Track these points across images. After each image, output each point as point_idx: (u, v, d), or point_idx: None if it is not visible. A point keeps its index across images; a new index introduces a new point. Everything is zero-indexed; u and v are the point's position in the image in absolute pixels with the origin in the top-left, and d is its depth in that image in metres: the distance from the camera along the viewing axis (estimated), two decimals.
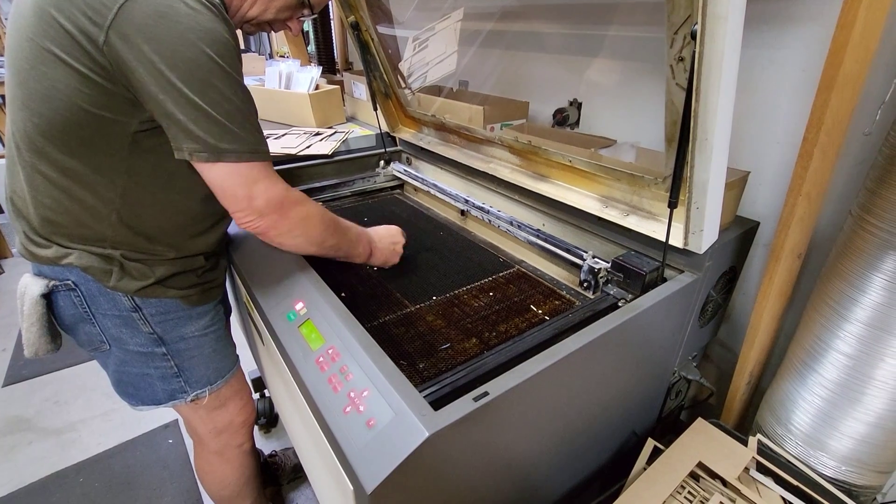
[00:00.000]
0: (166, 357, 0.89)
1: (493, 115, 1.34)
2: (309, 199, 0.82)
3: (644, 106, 1.23)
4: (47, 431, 1.69)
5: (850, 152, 0.89)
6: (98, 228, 0.76)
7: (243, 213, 0.74)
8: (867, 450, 0.86)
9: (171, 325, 0.87)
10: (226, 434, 1.05)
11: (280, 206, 0.75)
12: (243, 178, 0.71)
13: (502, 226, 1.20)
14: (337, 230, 0.89)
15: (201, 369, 0.94)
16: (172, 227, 0.82)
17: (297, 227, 0.80)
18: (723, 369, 1.25)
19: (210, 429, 1.02)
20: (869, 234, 0.75)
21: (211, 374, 0.96)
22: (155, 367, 0.89)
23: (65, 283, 0.78)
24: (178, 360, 0.90)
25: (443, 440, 0.56)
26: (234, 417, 1.04)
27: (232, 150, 0.68)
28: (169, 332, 0.87)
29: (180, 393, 0.93)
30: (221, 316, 0.99)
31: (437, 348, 0.85)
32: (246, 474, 1.15)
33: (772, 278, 0.88)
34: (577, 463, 0.94)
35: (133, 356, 0.87)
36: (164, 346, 0.88)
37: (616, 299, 0.90)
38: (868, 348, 0.79)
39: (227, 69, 0.65)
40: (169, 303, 0.85)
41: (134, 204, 0.76)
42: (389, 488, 0.53)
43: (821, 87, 0.68)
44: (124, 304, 0.81)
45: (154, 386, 0.91)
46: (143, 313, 0.83)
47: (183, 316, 0.88)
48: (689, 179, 0.74)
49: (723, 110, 0.65)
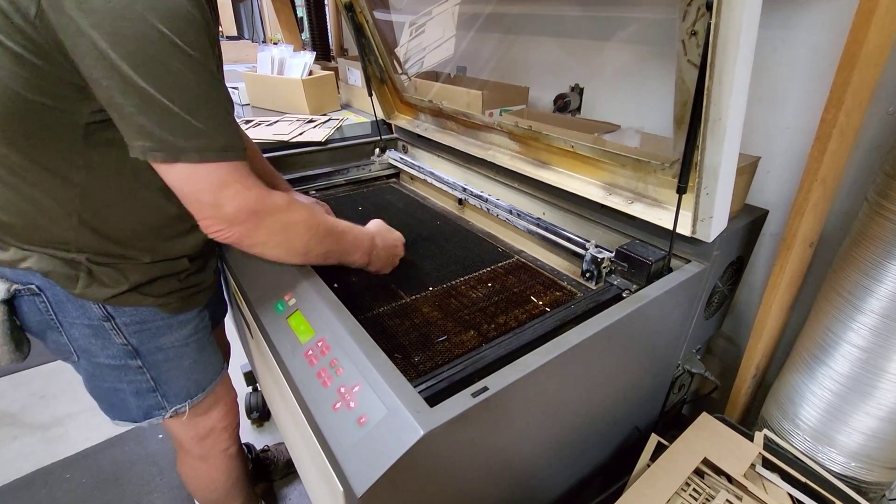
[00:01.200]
0: (141, 370, 0.80)
1: (492, 100, 1.30)
2: (294, 204, 0.69)
3: (649, 91, 1.18)
4: (33, 426, 1.65)
5: (865, 136, 0.86)
6: (57, 231, 0.67)
7: (210, 222, 0.62)
8: (877, 445, 0.83)
9: (147, 336, 0.78)
10: (209, 439, 0.98)
11: (253, 213, 0.63)
12: (208, 182, 0.59)
13: (501, 215, 1.16)
14: (327, 237, 0.77)
15: (181, 382, 0.86)
16: (146, 228, 0.72)
17: (274, 237, 0.68)
18: (726, 362, 1.22)
19: (192, 435, 0.96)
20: (886, 221, 0.71)
21: (191, 386, 0.88)
22: (128, 381, 0.80)
23: (28, 287, 0.70)
24: (154, 373, 0.82)
25: (439, 439, 0.52)
26: (216, 423, 0.97)
27: (192, 148, 0.56)
28: (145, 342, 0.78)
29: (157, 409, 0.85)
30: (207, 322, 0.90)
31: (433, 341, 0.81)
32: (233, 477, 1.09)
33: (782, 268, 0.85)
34: (579, 460, 0.90)
35: (103, 370, 0.79)
36: (139, 359, 0.79)
37: (620, 290, 0.86)
38: (882, 340, 0.75)
39: (186, 48, 0.52)
40: (145, 311, 0.76)
41: (97, 204, 0.67)
42: (381, 490, 0.50)
43: (842, 63, 0.64)
44: (95, 312, 0.73)
45: (128, 402, 0.83)
46: (116, 322, 0.74)
47: (162, 325, 0.79)
48: (699, 163, 0.70)
49: (738, 88, 0.61)
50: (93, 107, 0.58)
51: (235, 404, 1.04)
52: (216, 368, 0.93)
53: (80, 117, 0.59)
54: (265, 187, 0.64)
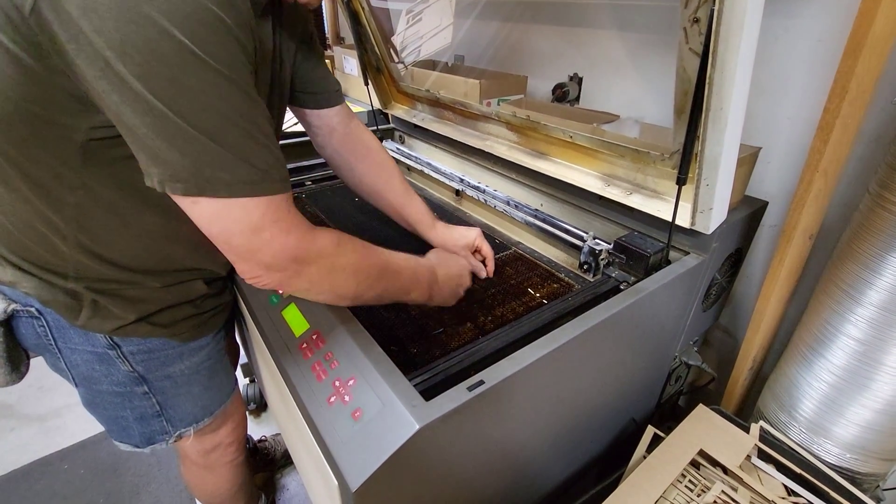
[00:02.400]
0: (147, 395, 0.75)
1: (490, 89, 1.28)
2: (343, 244, 0.58)
3: (649, 80, 1.17)
4: (30, 418, 1.65)
5: (867, 127, 0.84)
6: (52, 256, 0.60)
7: (244, 267, 0.52)
8: (872, 437, 0.83)
9: (155, 365, 0.73)
10: (215, 453, 0.94)
11: (294, 260, 0.53)
12: (240, 224, 0.48)
13: (499, 206, 1.15)
14: (381, 279, 0.65)
15: (187, 408, 0.81)
16: (154, 253, 0.65)
17: (318, 285, 0.57)
18: (723, 354, 1.23)
19: (197, 450, 0.92)
20: (888, 213, 0.70)
21: (198, 411, 0.83)
22: (132, 407, 0.76)
23: (27, 308, 0.64)
24: (160, 398, 0.77)
25: (434, 433, 0.51)
26: (223, 439, 0.93)
27: (220, 181, 0.45)
28: (153, 371, 0.73)
29: (160, 434, 0.80)
30: (222, 344, 0.85)
31: (429, 333, 0.80)
32: (238, 482, 1.06)
33: (782, 260, 0.84)
34: (575, 452, 0.91)
35: (105, 396, 0.74)
36: (145, 385, 0.74)
37: (618, 282, 0.85)
38: (881, 333, 0.75)
39: (207, 59, 0.42)
40: (155, 341, 0.71)
41: (95, 228, 0.59)
42: (376, 485, 0.49)
43: (847, 50, 0.63)
44: (100, 341, 0.67)
45: (130, 429, 0.78)
46: (122, 351, 0.69)
47: (172, 354, 0.74)
48: (699, 154, 0.69)
49: (741, 77, 0.60)
50: (93, 122, 0.50)
51: (244, 419, 1.00)
52: (227, 391, 0.88)
53: (77, 133, 0.51)
54: (308, 226, 0.54)
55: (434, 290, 0.76)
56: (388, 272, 0.66)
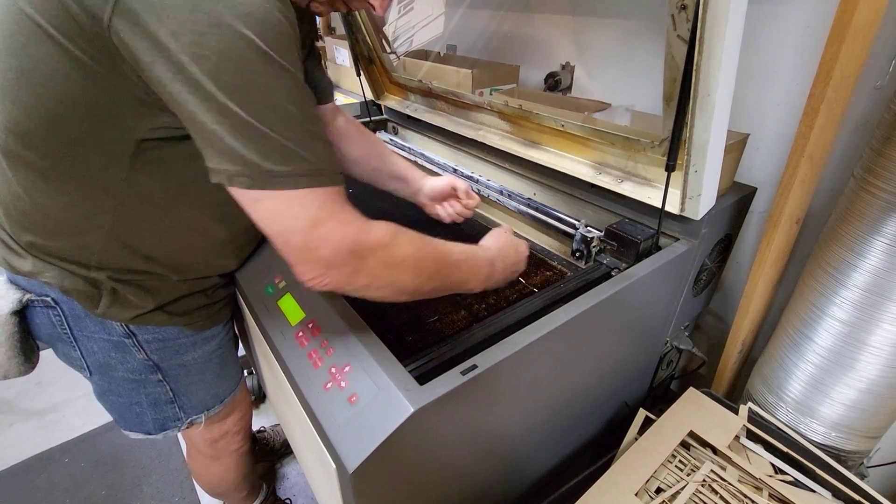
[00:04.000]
0: (161, 383, 0.78)
1: (482, 79, 1.28)
2: (399, 235, 0.56)
3: (640, 68, 1.17)
4: (29, 413, 1.66)
5: (852, 113, 0.86)
6: (81, 243, 0.62)
7: (304, 269, 0.52)
8: (857, 416, 0.85)
9: (169, 353, 0.75)
10: (222, 442, 0.97)
11: (353, 254, 0.52)
12: (300, 218, 0.49)
13: (492, 195, 1.16)
14: (441, 271, 0.62)
15: (200, 395, 0.84)
16: (183, 249, 0.67)
17: (378, 280, 0.55)
18: (714, 339, 1.25)
19: (205, 438, 0.94)
20: (872, 197, 0.72)
21: (209, 399, 0.86)
22: (146, 393, 0.78)
23: (42, 298, 0.66)
24: (174, 386, 0.79)
25: (429, 416, 0.53)
26: (230, 428, 0.96)
27: (285, 174, 0.47)
28: (167, 359, 0.76)
29: (173, 421, 0.83)
30: (231, 333, 0.88)
31: (424, 321, 0.81)
32: (243, 471, 1.08)
33: (769, 244, 0.86)
34: (569, 435, 0.93)
35: (121, 384, 0.76)
36: (159, 373, 0.76)
37: (609, 269, 0.87)
38: (864, 314, 0.77)
39: (280, 61, 0.46)
40: (170, 329, 0.73)
41: (133, 220, 0.61)
42: (373, 466, 0.51)
43: (830, 37, 0.63)
44: (116, 329, 0.69)
45: (144, 415, 0.80)
46: (138, 339, 0.71)
47: (185, 343, 0.76)
48: (688, 140, 0.70)
49: (727, 63, 0.61)
50: (156, 123, 0.53)
51: (250, 408, 1.03)
52: (236, 379, 0.92)
53: (137, 133, 0.54)
54: (364, 218, 0.54)
55: (491, 280, 0.74)
56: (446, 264, 0.64)
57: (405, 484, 0.59)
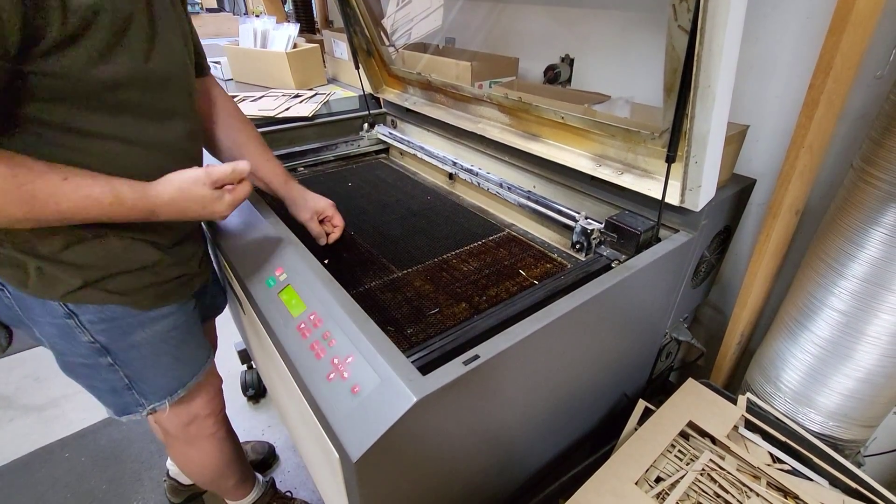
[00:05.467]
0: (113, 368, 0.74)
1: (482, 71, 1.28)
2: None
3: (640, 60, 1.17)
4: (28, 408, 1.65)
5: (852, 103, 0.86)
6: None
7: None
8: (854, 405, 0.86)
9: (117, 334, 0.71)
10: (193, 426, 0.94)
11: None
12: None
13: (492, 188, 1.16)
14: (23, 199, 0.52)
15: (159, 380, 0.80)
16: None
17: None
18: (712, 330, 1.25)
19: (175, 423, 0.92)
20: (871, 187, 0.72)
21: (171, 383, 0.82)
22: (101, 379, 0.75)
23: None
24: (128, 371, 0.75)
25: (431, 405, 0.53)
26: (199, 411, 0.93)
27: None
28: (115, 340, 0.72)
29: (135, 406, 0.80)
30: (192, 317, 0.83)
31: (425, 313, 0.82)
32: (225, 458, 1.05)
33: (768, 235, 0.86)
34: (569, 425, 0.93)
35: (76, 368, 0.74)
36: (109, 356, 0.73)
37: (609, 260, 0.87)
38: (863, 304, 0.77)
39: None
40: (114, 308, 0.69)
41: None
42: (376, 456, 0.51)
43: (831, 27, 0.63)
44: (57, 310, 0.66)
45: (104, 398, 0.79)
46: (80, 320, 0.68)
47: (133, 322, 0.72)
48: (688, 132, 0.70)
49: (728, 54, 0.61)
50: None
51: (220, 392, 0.99)
52: (200, 362, 0.88)
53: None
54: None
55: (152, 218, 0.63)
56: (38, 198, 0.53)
57: (408, 473, 0.60)
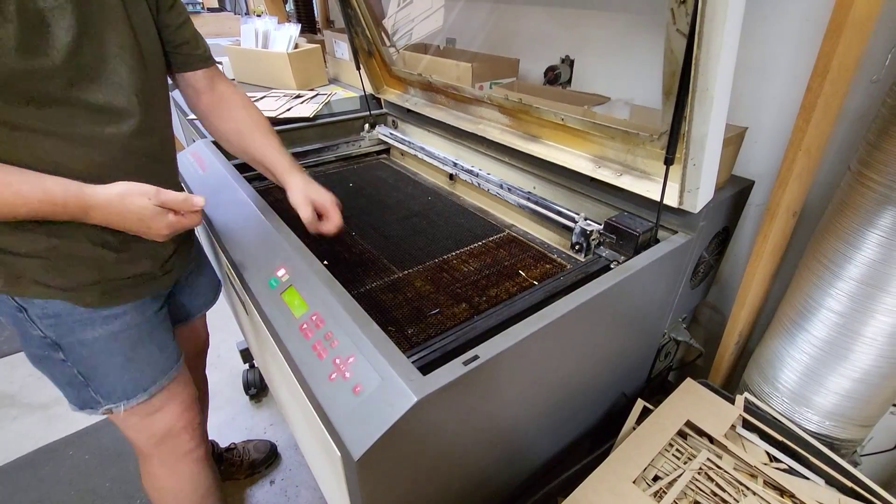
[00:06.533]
0: (65, 363, 0.74)
1: (482, 72, 1.28)
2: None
3: (640, 62, 1.17)
4: (32, 406, 1.67)
5: (849, 107, 0.86)
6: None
7: None
8: (851, 405, 0.87)
9: (64, 330, 0.71)
10: (168, 442, 0.89)
11: None
12: None
13: (492, 189, 1.16)
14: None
15: (111, 380, 0.78)
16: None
17: None
18: (711, 331, 1.26)
19: (146, 437, 0.87)
20: (867, 190, 0.73)
21: (127, 386, 0.79)
22: (59, 371, 0.75)
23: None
24: (81, 368, 0.75)
25: (432, 405, 0.54)
26: (173, 423, 0.88)
27: None
28: (64, 336, 0.72)
29: (92, 402, 0.78)
30: (150, 318, 0.80)
31: (425, 314, 0.82)
32: (203, 486, 0.97)
33: (766, 237, 0.87)
34: (568, 425, 0.94)
35: (36, 359, 0.74)
36: (61, 352, 0.73)
37: (608, 261, 0.88)
38: (859, 305, 0.78)
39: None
40: (58, 304, 0.68)
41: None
42: (377, 454, 0.52)
43: (828, 31, 0.64)
44: (8, 303, 0.67)
45: (64, 390, 0.78)
46: (29, 314, 0.68)
47: (80, 320, 0.71)
48: (686, 134, 0.71)
49: (726, 56, 0.61)
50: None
51: (194, 403, 0.93)
52: (162, 367, 0.84)
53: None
54: None
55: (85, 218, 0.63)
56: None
57: (409, 472, 0.61)
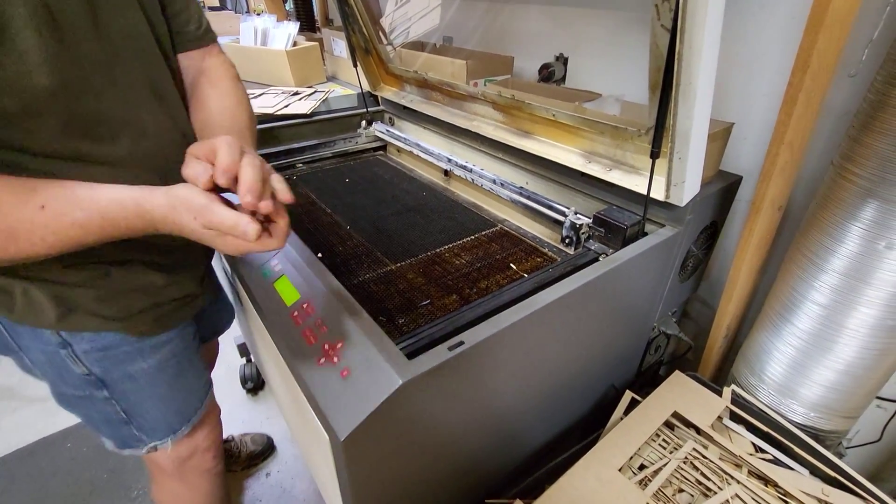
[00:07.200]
0: (109, 401, 0.68)
1: (477, 70, 1.30)
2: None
3: (632, 59, 1.19)
4: (31, 399, 1.68)
5: (835, 104, 0.88)
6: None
7: None
8: (835, 396, 0.88)
9: (112, 363, 0.65)
10: (192, 461, 0.86)
11: None
12: None
13: (485, 185, 1.18)
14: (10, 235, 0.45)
15: (158, 413, 0.74)
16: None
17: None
18: (702, 326, 1.27)
19: (173, 458, 0.83)
20: (849, 183, 0.74)
21: (172, 418, 0.76)
22: (97, 410, 0.69)
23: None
24: (125, 405, 0.69)
25: (417, 389, 0.55)
26: (199, 444, 0.85)
27: None
28: (111, 371, 0.66)
29: (134, 441, 0.74)
30: (190, 342, 0.76)
31: (416, 305, 0.84)
32: (218, 497, 0.96)
33: (751, 230, 0.88)
34: (557, 414, 0.95)
35: (70, 399, 0.69)
36: (105, 390, 0.67)
37: (597, 254, 0.89)
38: (842, 297, 0.79)
39: None
40: (110, 336, 0.63)
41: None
42: (363, 435, 0.53)
43: (808, 27, 0.65)
44: (49, 338, 0.60)
45: (101, 429, 0.73)
46: (74, 350, 0.62)
47: (130, 351, 0.66)
48: (671, 128, 0.72)
49: (708, 52, 0.63)
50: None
51: (219, 421, 0.92)
52: (199, 395, 0.81)
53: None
54: None
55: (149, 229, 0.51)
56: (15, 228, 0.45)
57: (395, 454, 0.62)
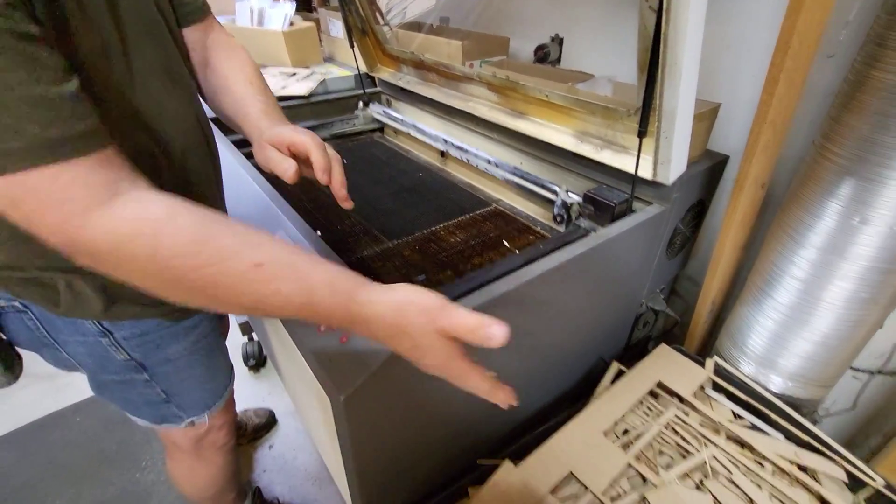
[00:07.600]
0: (150, 384, 0.73)
1: (472, 51, 1.31)
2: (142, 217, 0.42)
3: (627, 40, 1.20)
4: (40, 376, 1.73)
5: (819, 86, 0.90)
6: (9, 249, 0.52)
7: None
8: (811, 366, 0.93)
9: (151, 348, 0.70)
10: (208, 438, 0.90)
11: (72, 244, 0.41)
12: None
13: (480, 165, 1.20)
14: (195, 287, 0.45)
15: (195, 393, 0.80)
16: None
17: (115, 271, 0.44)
18: (690, 303, 1.31)
19: (190, 436, 0.88)
20: (829, 162, 0.77)
21: (207, 396, 0.82)
22: (138, 393, 0.74)
23: (12, 304, 0.60)
24: (165, 386, 0.75)
25: None
26: (215, 422, 0.89)
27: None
28: (150, 355, 0.70)
29: (174, 417, 0.79)
30: (214, 323, 0.80)
31: (412, 279, 0.87)
32: (231, 471, 1.02)
33: (735, 207, 0.91)
34: (548, 384, 1.00)
35: (109, 386, 0.73)
36: (145, 373, 0.71)
37: (587, 231, 0.92)
38: (819, 272, 0.83)
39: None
40: (148, 322, 0.67)
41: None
42: (363, 395, 0.57)
43: (789, 8, 0.67)
44: (89, 328, 0.63)
45: (141, 410, 0.78)
46: (115, 338, 0.65)
47: (166, 335, 0.70)
48: (658, 108, 0.75)
49: (693, 32, 0.65)
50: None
51: (233, 398, 0.97)
52: (227, 372, 0.88)
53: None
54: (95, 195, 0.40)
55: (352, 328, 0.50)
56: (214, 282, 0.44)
57: (393, 415, 0.67)
